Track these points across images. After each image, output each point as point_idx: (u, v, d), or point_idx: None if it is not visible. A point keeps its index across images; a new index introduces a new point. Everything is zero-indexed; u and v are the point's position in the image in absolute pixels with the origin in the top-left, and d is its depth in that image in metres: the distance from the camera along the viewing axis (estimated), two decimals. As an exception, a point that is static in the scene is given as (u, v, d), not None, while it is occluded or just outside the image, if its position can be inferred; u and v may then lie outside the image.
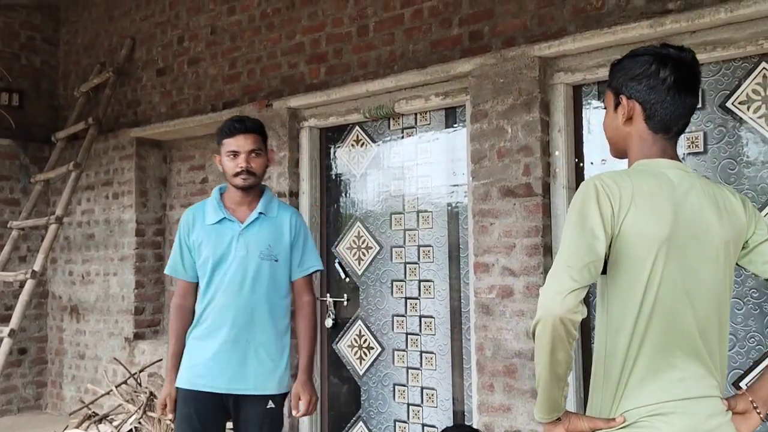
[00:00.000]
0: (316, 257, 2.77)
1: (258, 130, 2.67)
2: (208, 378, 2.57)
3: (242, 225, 2.63)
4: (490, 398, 3.18)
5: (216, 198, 2.71)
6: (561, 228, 3.12)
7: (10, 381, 5.60)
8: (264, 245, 2.62)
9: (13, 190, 5.74)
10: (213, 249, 2.62)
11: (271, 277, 2.62)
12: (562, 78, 3.17)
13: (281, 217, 2.69)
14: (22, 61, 5.88)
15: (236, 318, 2.58)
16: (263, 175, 2.71)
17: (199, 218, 2.69)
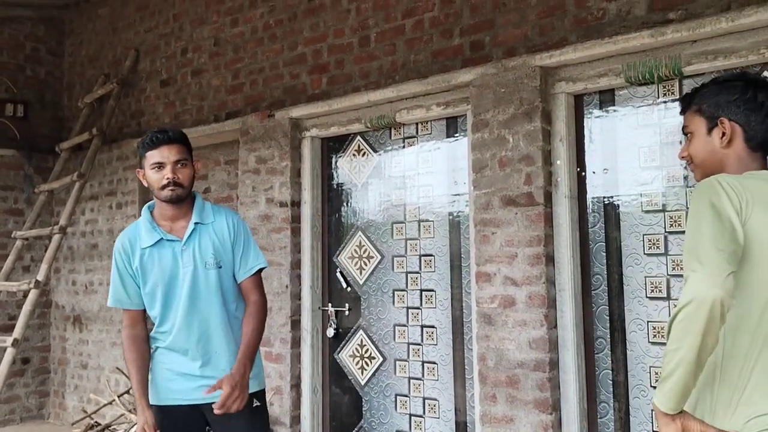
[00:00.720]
0: (259, 255, 2.66)
1: (182, 140, 2.58)
2: (184, 392, 2.53)
3: (181, 241, 2.54)
4: (493, 409, 3.16)
5: (147, 218, 2.59)
6: (563, 237, 3.11)
7: (13, 390, 5.61)
8: (208, 255, 2.54)
9: (17, 200, 5.76)
10: (160, 272, 2.53)
11: (219, 285, 2.55)
12: (564, 87, 3.17)
13: (219, 222, 2.60)
14: (27, 72, 5.92)
15: (201, 332, 2.52)
16: (191, 186, 2.59)
17: (136, 243, 2.57)
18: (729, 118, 1.70)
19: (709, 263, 1.43)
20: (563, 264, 3.12)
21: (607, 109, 3.15)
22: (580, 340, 3.11)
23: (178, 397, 2.54)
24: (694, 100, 1.78)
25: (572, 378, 3.07)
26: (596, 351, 3.12)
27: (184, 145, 2.56)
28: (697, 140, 1.76)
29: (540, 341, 3.05)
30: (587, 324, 3.14)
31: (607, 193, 3.13)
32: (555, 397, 3.05)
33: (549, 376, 3.03)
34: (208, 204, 2.67)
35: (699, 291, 1.41)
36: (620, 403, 3.05)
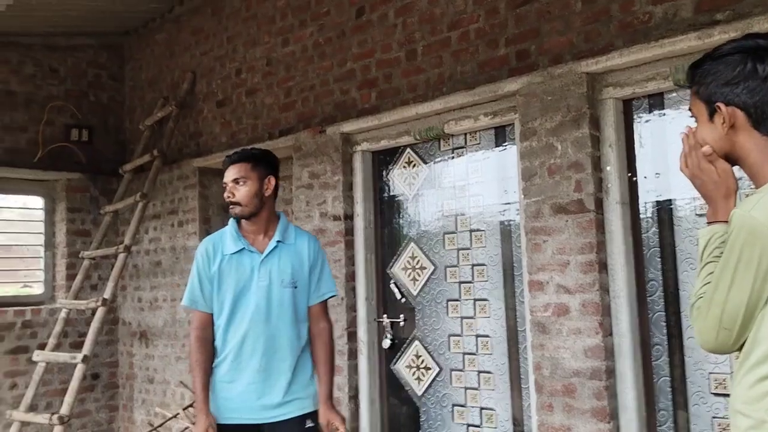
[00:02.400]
0: (332, 283, 2.77)
1: (244, 159, 2.66)
2: (243, 411, 2.58)
3: (262, 255, 2.63)
4: (550, 418, 3.14)
5: (234, 227, 2.71)
6: (616, 244, 3.08)
7: (84, 405, 5.84)
8: (285, 273, 2.63)
9: (84, 221, 6.03)
10: (235, 280, 2.61)
11: (292, 305, 2.63)
12: (611, 93, 3.15)
13: (299, 244, 2.70)
14: (90, 98, 6.20)
15: (266, 347, 2.58)
16: (253, 203, 2.64)
17: (219, 248, 2.68)
18: (727, 101, 1.43)
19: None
20: (617, 271, 3.09)
21: (657, 113, 3.11)
22: (637, 348, 3.07)
23: (236, 416, 2.59)
24: (694, 79, 1.51)
25: (630, 386, 3.03)
26: (654, 358, 3.07)
27: (247, 162, 2.65)
28: (702, 128, 1.50)
29: (595, 349, 3.03)
30: (644, 331, 3.09)
31: (660, 197, 3.09)
32: (613, 405, 3.02)
33: (606, 384, 3.00)
34: (293, 226, 2.78)
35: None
36: (680, 411, 2.99)
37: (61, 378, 5.61)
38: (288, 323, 2.61)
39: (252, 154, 2.72)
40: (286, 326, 2.61)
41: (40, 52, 5.90)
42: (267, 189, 2.67)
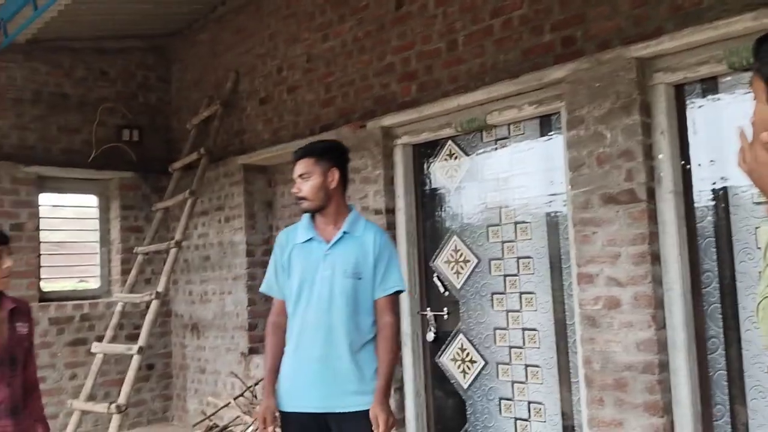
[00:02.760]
0: (398, 278, 2.71)
1: (308, 155, 2.69)
2: (305, 399, 2.60)
3: (328, 245, 2.66)
4: (601, 413, 3.08)
5: (307, 218, 2.76)
6: (669, 234, 2.99)
7: (140, 395, 6.01)
8: (348, 264, 2.63)
9: (137, 218, 6.19)
10: (302, 268, 2.67)
11: (355, 296, 2.62)
12: (662, 78, 3.04)
13: (366, 236, 2.68)
14: (139, 99, 6.35)
15: (326, 337, 2.60)
16: (318, 196, 2.66)
17: (292, 238, 2.75)
18: None
19: None
20: (670, 262, 2.99)
21: (711, 98, 2.99)
22: (692, 341, 2.97)
23: (299, 404, 2.61)
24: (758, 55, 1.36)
25: (684, 380, 2.94)
26: (709, 351, 2.97)
27: (311, 157, 2.67)
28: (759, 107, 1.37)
29: (648, 343, 2.94)
30: (699, 323, 2.99)
31: (715, 185, 2.97)
32: (666, 399, 2.93)
33: (659, 378, 2.91)
34: (363, 219, 2.77)
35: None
36: (737, 406, 2.88)
37: (118, 368, 5.80)
38: (349, 315, 2.60)
39: (314, 148, 2.72)
40: (346, 318, 2.60)
41: (90, 55, 6.06)
42: (331, 182, 2.67)
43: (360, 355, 2.62)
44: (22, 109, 5.64)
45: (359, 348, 2.62)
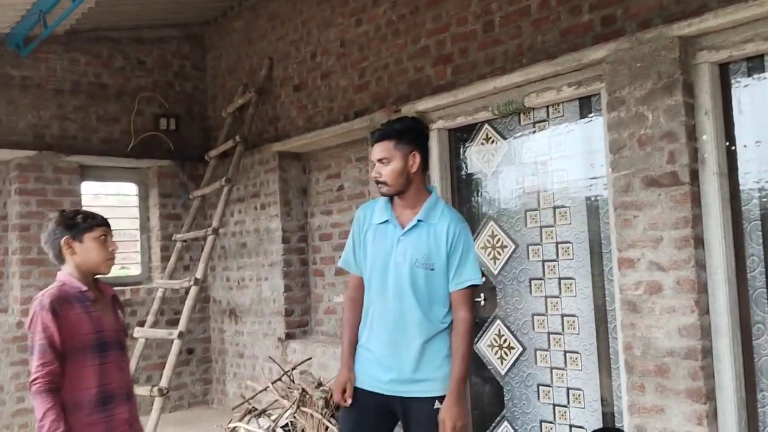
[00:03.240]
0: (473, 271, 2.54)
1: (387, 137, 2.55)
2: (373, 380, 2.58)
3: (402, 230, 2.57)
4: (642, 399, 3.03)
5: (386, 198, 2.66)
6: (713, 217, 2.92)
7: (181, 378, 6.14)
8: (420, 254, 2.53)
9: (175, 206, 6.28)
10: (375, 250, 2.61)
11: (427, 286, 2.52)
12: (706, 57, 2.95)
13: (440, 225, 2.54)
14: (176, 88, 6.42)
15: (394, 324, 2.54)
16: (399, 181, 2.54)
17: (369, 216, 2.68)
18: None
19: None
20: (714, 246, 2.92)
21: (757, 77, 2.90)
22: (736, 326, 2.90)
23: (367, 381, 2.60)
24: None
25: (728, 366, 2.87)
26: (754, 337, 2.89)
27: (390, 141, 2.54)
28: None
29: (691, 328, 2.88)
30: (743, 309, 2.92)
31: (762, 167, 2.88)
32: (709, 386, 2.87)
33: (702, 364, 2.85)
34: (442, 204, 2.63)
35: None
36: (786, 395, 2.81)
37: (159, 353, 5.93)
38: (419, 304, 2.52)
39: (395, 129, 2.56)
40: (417, 306, 2.52)
41: (128, 45, 6.14)
42: (412, 165, 2.55)
43: (431, 344, 2.54)
44: (62, 99, 5.75)
45: (430, 337, 2.54)
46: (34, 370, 2.30)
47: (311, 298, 5.51)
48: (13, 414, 5.29)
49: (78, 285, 2.44)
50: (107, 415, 2.42)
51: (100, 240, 2.49)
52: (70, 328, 2.35)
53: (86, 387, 2.38)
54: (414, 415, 2.54)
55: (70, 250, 2.46)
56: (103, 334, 2.46)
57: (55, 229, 2.46)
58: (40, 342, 2.31)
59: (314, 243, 5.48)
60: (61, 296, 2.38)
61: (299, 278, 5.48)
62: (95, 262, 2.49)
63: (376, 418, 2.61)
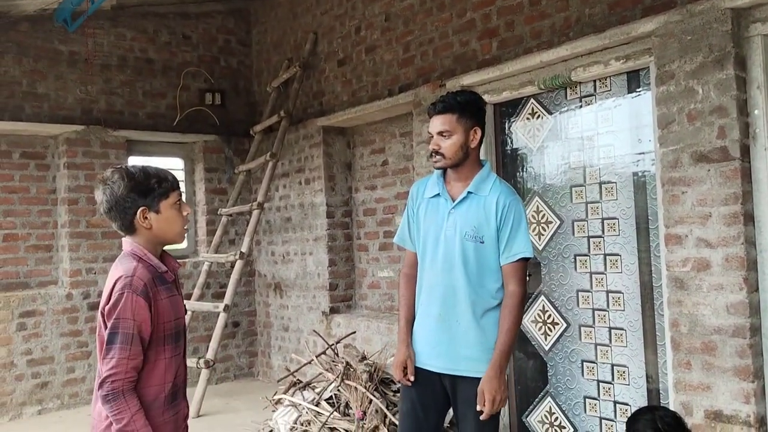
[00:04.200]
0: (524, 244, 2.51)
1: (450, 109, 2.53)
2: (423, 356, 2.60)
3: (453, 203, 2.58)
4: (688, 376, 3.02)
5: (439, 172, 2.67)
6: (764, 194, 2.86)
7: (227, 351, 6.30)
8: (469, 226, 2.51)
9: (220, 180, 6.40)
10: (427, 224, 2.62)
11: (477, 259, 2.51)
12: (760, 29, 2.87)
13: (491, 197, 2.53)
14: (221, 63, 6.50)
15: (444, 297, 2.54)
16: (458, 156, 2.54)
17: (421, 192, 2.71)
18: None
19: None
20: (764, 223, 2.87)
21: (816, 48, 2.80)
22: (788, 305, 2.86)
23: (418, 358, 2.61)
24: None
25: (778, 345, 2.84)
26: (797, 320, 2.84)
27: (453, 114, 2.52)
28: None
29: (739, 306, 2.85)
30: (795, 287, 2.87)
31: (818, 142, 2.80)
32: (758, 364, 2.84)
33: (750, 342, 2.82)
34: (494, 177, 2.63)
35: None
36: (838, 374, 2.76)
37: (205, 326, 6.09)
38: (470, 278, 2.50)
39: (458, 102, 2.54)
40: (467, 280, 2.51)
41: (173, 20, 6.23)
42: (473, 141, 2.56)
43: (484, 320, 2.52)
44: (109, 74, 5.87)
45: (483, 312, 2.53)
46: (116, 363, 1.93)
47: (355, 273, 5.58)
48: (63, 384, 5.49)
49: (156, 263, 2.09)
50: (175, 412, 2.11)
51: (176, 206, 2.12)
52: (156, 315, 2.02)
53: (160, 383, 2.05)
54: (463, 395, 2.53)
55: (146, 222, 2.06)
56: (180, 321, 2.15)
57: (126, 195, 2.04)
58: (128, 331, 1.94)
59: (358, 218, 5.54)
60: (151, 278, 2.03)
61: (343, 253, 5.55)
62: (171, 233, 2.12)
63: (433, 397, 2.62)
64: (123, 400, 1.93)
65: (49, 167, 5.71)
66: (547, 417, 3.90)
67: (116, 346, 1.94)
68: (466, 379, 2.53)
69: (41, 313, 5.40)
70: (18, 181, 5.53)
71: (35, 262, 5.62)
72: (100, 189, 2.08)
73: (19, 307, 5.31)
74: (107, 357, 1.94)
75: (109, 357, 1.94)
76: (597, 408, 3.64)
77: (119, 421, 1.92)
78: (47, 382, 5.41)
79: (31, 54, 5.50)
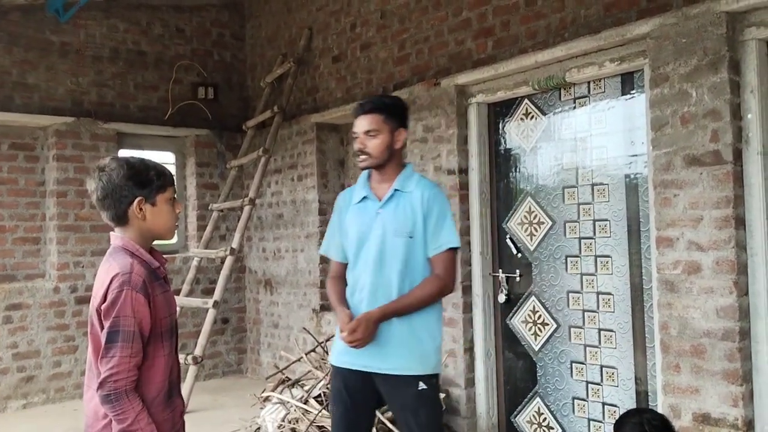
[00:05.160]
0: (451, 234, 2.58)
1: (377, 110, 2.57)
2: (351, 355, 2.56)
3: (380, 203, 2.61)
4: (676, 379, 3.02)
5: (364, 177, 2.71)
6: (756, 198, 2.87)
7: (216, 347, 6.27)
8: (398, 222, 2.56)
9: (212, 175, 6.36)
10: (357, 228, 2.64)
11: (407, 255, 2.54)
12: (754, 33, 2.88)
13: (415, 193, 2.59)
14: (214, 57, 6.46)
15: (376, 296, 2.54)
16: (383, 155, 2.59)
17: (348, 198, 2.74)
18: None
19: None
20: (756, 227, 2.88)
21: (810, 54, 2.81)
22: (777, 309, 2.87)
23: (348, 360, 2.58)
24: None
25: (766, 348, 2.85)
26: (786, 325, 2.86)
27: (380, 114, 2.57)
28: None
29: (729, 309, 2.85)
30: (785, 291, 2.88)
31: (809, 147, 2.81)
32: (746, 368, 2.85)
33: (739, 346, 2.83)
34: (417, 175, 2.68)
35: None
36: (826, 379, 2.78)
37: (194, 321, 6.05)
38: (401, 275, 2.53)
39: (385, 104, 2.62)
40: (398, 278, 2.53)
41: (167, 13, 6.18)
42: (397, 142, 2.62)
43: (414, 319, 2.54)
44: (101, 66, 5.82)
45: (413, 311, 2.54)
46: (118, 362, 1.88)
47: (345, 270, 5.56)
48: (49, 378, 5.43)
49: (149, 258, 2.05)
50: (172, 408, 2.07)
51: (171, 202, 2.10)
52: (155, 311, 1.99)
53: (158, 380, 2.01)
54: (397, 395, 2.53)
55: (141, 213, 2.02)
56: (173, 317, 2.12)
57: (124, 184, 1.99)
58: (128, 329, 1.90)
59: (349, 215, 5.51)
60: (148, 274, 1.99)
61: (334, 250, 5.52)
62: (163, 228, 2.09)
63: (364, 398, 2.61)
64: (126, 399, 1.89)
65: (38, 159, 5.65)
66: (536, 417, 3.91)
67: (117, 344, 1.89)
68: (399, 378, 2.52)
69: (28, 307, 5.36)
70: (6, 173, 5.48)
71: (22, 255, 5.56)
72: (95, 176, 2.03)
73: (5, 300, 5.26)
74: (107, 356, 1.90)
75: (109, 356, 1.90)
76: (585, 409, 3.65)
77: (123, 421, 1.89)
78: (33, 376, 5.37)
79: (21, 44, 5.44)
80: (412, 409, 2.52)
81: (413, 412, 2.52)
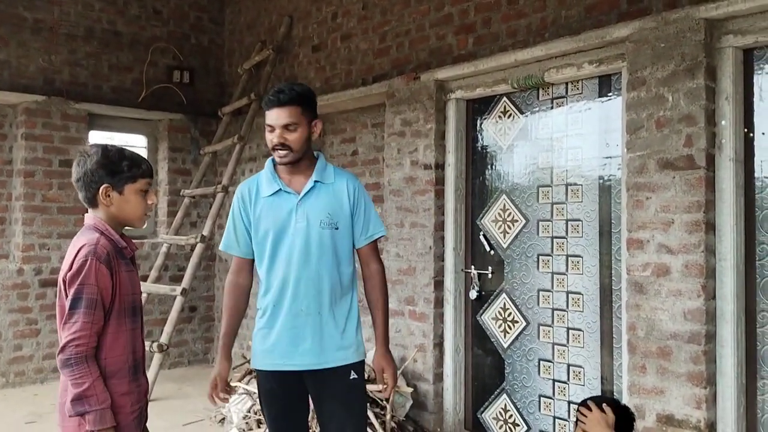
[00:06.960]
0: (379, 223, 2.62)
1: (295, 102, 2.46)
2: (285, 357, 2.48)
3: (299, 195, 2.50)
4: (642, 380, 3.06)
5: (270, 169, 2.57)
6: (726, 203, 2.91)
7: (182, 336, 6.19)
8: (324, 214, 2.50)
9: (185, 161, 6.27)
10: (273, 222, 2.52)
11: (333, 246, 2.51)
12: (731, 41, 2.92)
13: (338, 184, 2.55)
14: (191, 40, 6.35)
15: (306, 290, 2.49)
16: (303, 148, 2.49)
17: (254, 192, 2.57)
18: None
19: None
20: (725, 232, 2.92)
21: (783, 64, 2.86)
22: (741, 313, 2.92)
23: (277, 362, 2.51)
24: None
25: (730, 352, 2.89)
26: (759, 325, 2.91)
27: (298, 107, 2.46)
28: None
29: (696, 312, 2.90)
30: (749, 296, 2.93)
31: (780, 156, 2.86)
32: (711, 370, 2.90)
33: (704, 348, 2.88)
34: (331, 166, 2.63)
35: None
36: (786, 383, 2.84)
37: (161, 309, 5.96)
38: (329, 266, 2.49)
39: (299, 95, 2.49)
40: (327, 269, 2.49)
41: (144, -6, 6.06)
42: (314, 133, 2.55)
43: (337, 308, 2.53)
44: (74, 45, 5.69)
45: (338, 300, 2.53)
46: (80, 327, 1.96)
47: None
48: (9, 362, 5.32)
49: (117, 238, 2.14)
50: (138, 384, 2.16)
51: (141, 193, 2.18)
52: (118, 286, 2.08)
53: (121, 353, 2.09)
54: (330, 387, 2.50)
55: (107, 200, 2.13)
56: (137, 297, 2.21)
57: (95, 170, 2.10)
58: (91, 296, 1.99)
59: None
60: (113, 248, 2.09)
61: (306, 240, 5.48)
62: (131, 216, 2.18)
63: (299, 397, 2.57)
64: (85, 364, 1.96)
65: (6, 137, 5.51)
66: (502, 414, 3.93)
67: (80, 310, 1.98)
68: (332, 370, 2.50)
69: (-10, 288, 5.24)
70: (-28, 150, 5.34)
71: (-14, 234, 5.44)
72: (77, 159, 2.17)
73: (-33, 280, 5.14)
74: (70, 321, 1.98)
75: (72, 321, 1.98)
76: (551, 407, 3.68)
77: (80, 385, 1.95)
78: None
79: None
80: (345, 402, 2.50)
81: (345, 404, 2.50)
